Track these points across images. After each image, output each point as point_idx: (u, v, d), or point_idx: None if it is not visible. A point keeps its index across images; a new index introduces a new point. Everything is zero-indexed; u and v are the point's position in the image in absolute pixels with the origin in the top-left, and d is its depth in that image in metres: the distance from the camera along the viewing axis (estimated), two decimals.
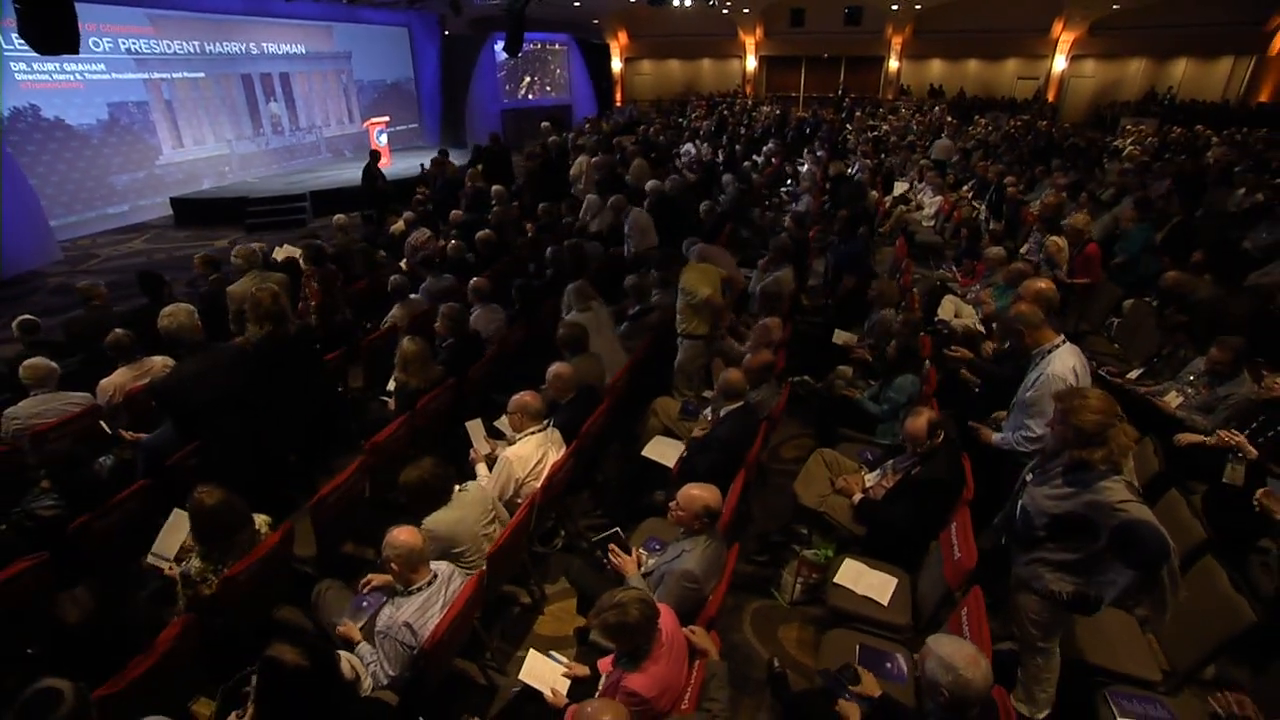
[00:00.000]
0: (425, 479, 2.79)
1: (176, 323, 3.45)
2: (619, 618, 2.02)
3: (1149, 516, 2.23)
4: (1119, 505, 2.23)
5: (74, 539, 2.99)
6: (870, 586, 2.99)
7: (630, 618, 2.03)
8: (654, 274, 5.44)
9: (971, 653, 1.87)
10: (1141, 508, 2.25)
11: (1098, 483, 2.31)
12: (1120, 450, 2.33)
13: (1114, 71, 20.98)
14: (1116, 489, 2.27)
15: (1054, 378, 3.03)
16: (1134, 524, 2.20)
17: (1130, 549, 2.23)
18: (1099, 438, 2.31)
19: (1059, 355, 3.12)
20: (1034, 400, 3.12)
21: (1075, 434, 2.34)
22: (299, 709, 1.95)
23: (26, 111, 10.16)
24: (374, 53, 16.69)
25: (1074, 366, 3.08)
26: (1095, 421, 2.31)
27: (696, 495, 2.63)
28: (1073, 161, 11.47)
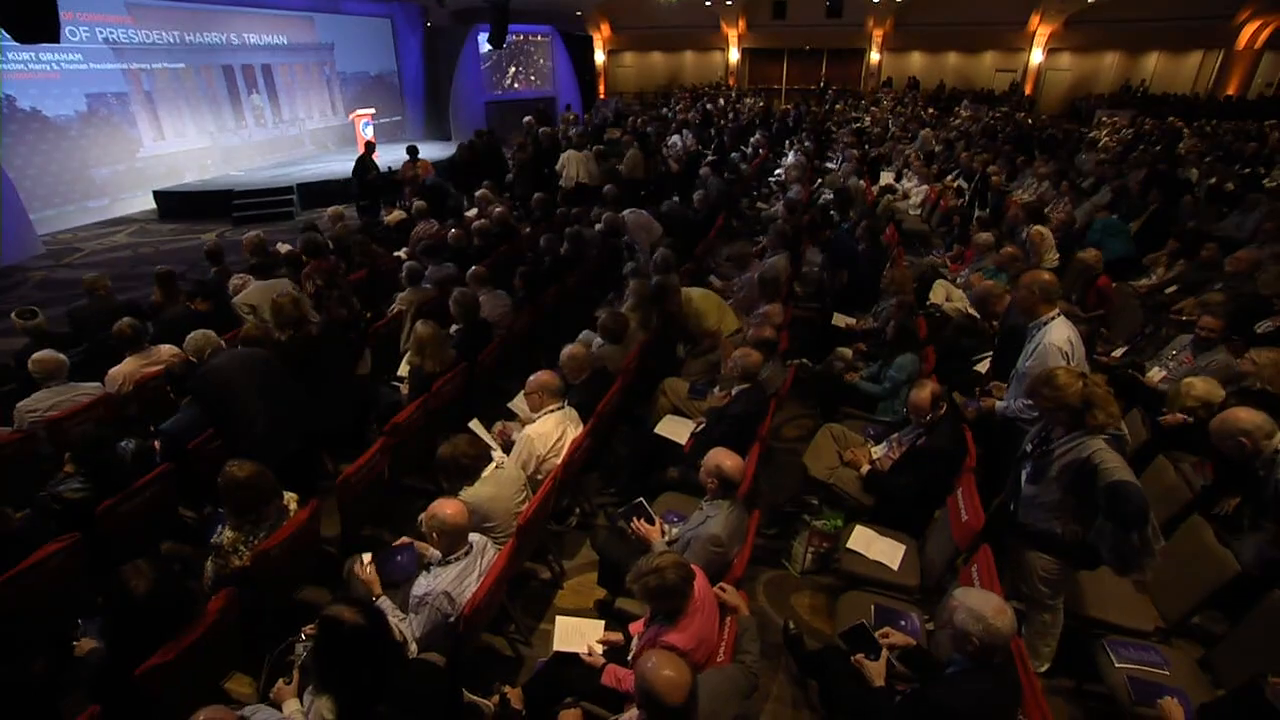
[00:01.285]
0: (457, 455, 2.88)
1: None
2: (659, 580, 2.13)
3: (1131, 477, 2.42)
4: (1096, 461, 2.45)
5: (101, 521, 3.03)
6: (880, 552, 3.13)
7: (669, 580, 2.14)
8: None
9: (998, 603, 2.00)
10: (1125, 469, 2.43)
11: (1087, 439, 2.52)
12: (1109, 405, 2.52)
13: (1089, 65, 21.42)
14: (1107, 454, 2.46)
15: (1051, 347, 3.20)
16: (1120, 484, 2.38)
17: (1116, 505, 2.40)
18: (1087, 405, 2.51)
19: (1055, 326, 3.28)
20: (1031, 369, 3.27)
21: (1068, 412, 2.55)
22: (356, 666, 2.04)
23: (1, 102, 9.94)
24: (356, 44, 16.53)
25: (1069, 337, 3.24)
26: (1077, 392, 2.53)
27: (716, 460, 2.77)
28: (1052, 152, 11.75)
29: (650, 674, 1.76)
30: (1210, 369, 3.92)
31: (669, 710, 1.74)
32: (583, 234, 6.25)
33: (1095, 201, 8.51)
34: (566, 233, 6.11)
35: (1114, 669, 2.59)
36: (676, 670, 1.77)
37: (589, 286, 6.06)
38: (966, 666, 2.05)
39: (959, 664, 2.08)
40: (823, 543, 3.48)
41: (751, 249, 6.29)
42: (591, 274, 6.18)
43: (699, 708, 1.84)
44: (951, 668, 2.11)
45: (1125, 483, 2.37)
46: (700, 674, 1.96)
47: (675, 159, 11.05)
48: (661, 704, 1.74)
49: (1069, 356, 3.17)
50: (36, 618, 2.74)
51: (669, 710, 1.74)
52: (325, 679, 2.08)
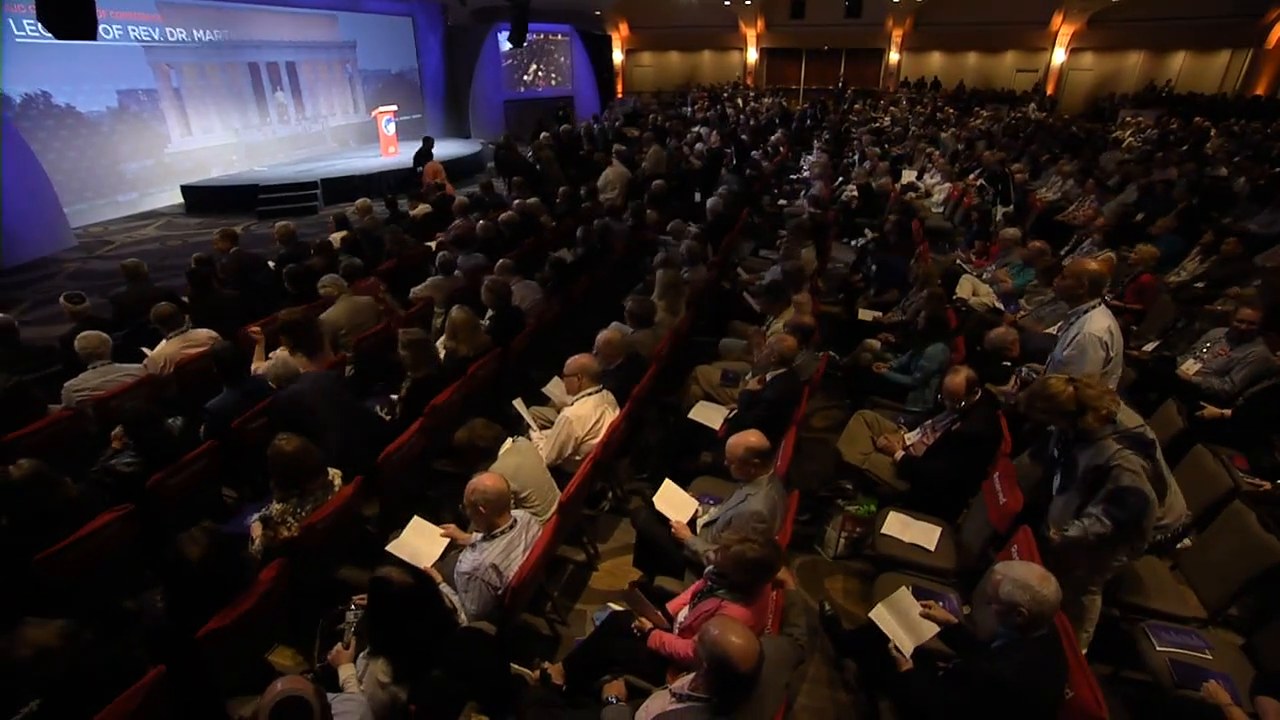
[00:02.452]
0: (473, 438, 2.94)
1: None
2: (759, 554, 2.15)
3: (1133, 481, 2.49)
4: (1114, 463, 2.51)
5: (151, 494, 3.11)
6: (916, 535, 3.15)
7: (768, 557, 2.18)
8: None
9: (1041, 572, 2.02)
10: (1131, 469, 2.49)
11: (1099, 442, 2.57)
12: (1100, 404, 2.55)
13: (1112, 64, 21.18)
14: (1127, 459, 2.51)
15: (1090, 337, 3.20)
16: (1125, 490, 2.48)
17: (1118, 508, 2.50)
18: (1081, 408, 2.56)
19: (1095, 315, 3.28)
20: (1070, 358, 3.28)
21: (1066, 419, 2.61)
22: (407, 626, 2.08)
23: (38, 98, 10.16)
24: (378, 42, 16.69)
25: (1108, 326, 3.24)
26: (1070, 397, 2.58)
27: (738, 440, 2.80)
28: (1075, 151, 11.68)
29: (722, 640, 1.78)
30: (1248, 360, 3.90)
31: (740, 676, 1.77)
32: (610, 226, 6.29)
33: (1122, 200, 8.46)
34: (595, 225, 6.17)
35: (1155, 652, 2.59)
36: (747, 638, 1.79)
37: (617, 278, 6.11)
38: (1013, 639, 2.06)
39: (1005, 636, 2.09)
40: (856, 528, 3.50)
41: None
42: (620, 266, 6.23)
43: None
44: (997, 641, 2.13)
45: (1130, 489, 2.47)
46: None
47: (697, 156, 11.09)
48: (735, 670, 1.76)
49: (1108, 346, 3.18)
50: (94, 584, 2.81)
51: (740, 676, 1.77)
52: (378, 640, 2.14)
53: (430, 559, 2.83)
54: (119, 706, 2.02)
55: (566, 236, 6.70)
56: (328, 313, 4.75)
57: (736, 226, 7.74)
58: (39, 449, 3.49)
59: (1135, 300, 5.45)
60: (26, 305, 7.33)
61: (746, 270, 6.45)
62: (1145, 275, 5.50)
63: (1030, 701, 1.98)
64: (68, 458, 3.57)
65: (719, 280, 6.27)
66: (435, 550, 2.86)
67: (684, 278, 5.14)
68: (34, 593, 2.62)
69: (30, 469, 2.69)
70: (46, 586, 2.64)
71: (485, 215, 7.05)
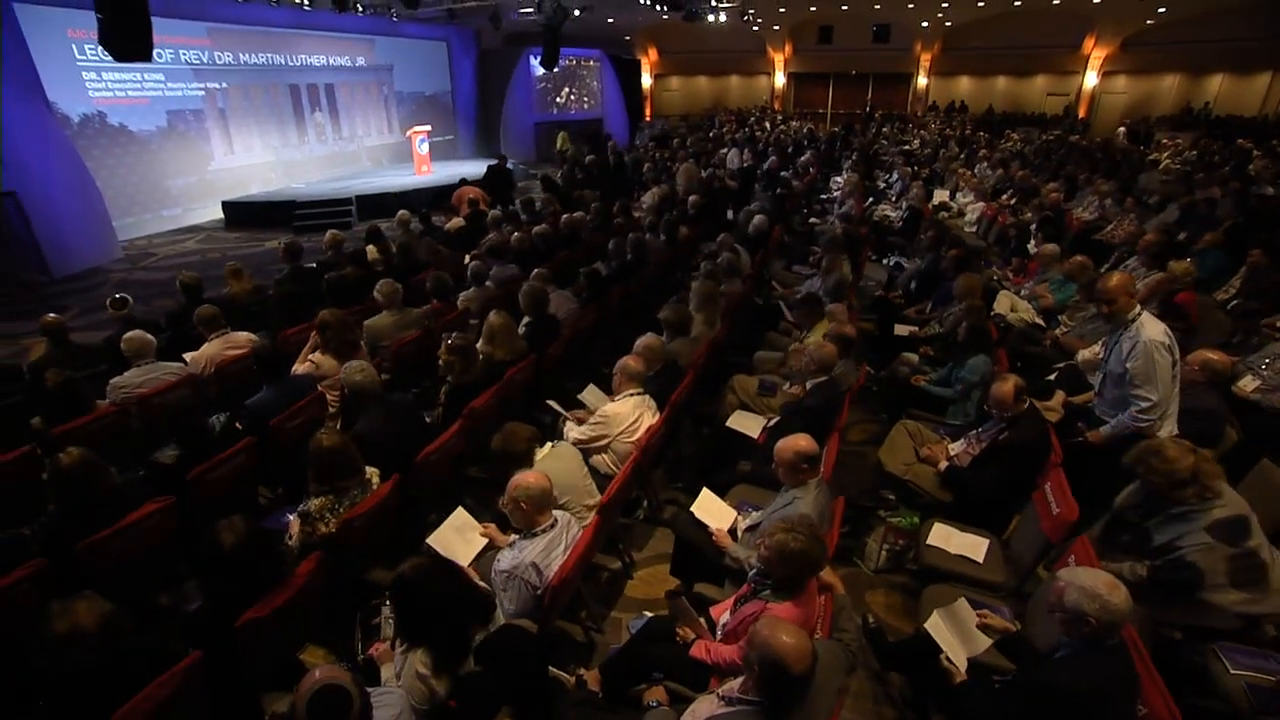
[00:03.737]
0: (506, 443, 2.94)
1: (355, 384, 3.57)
2: (802, 546, 2.09)
3: (1199, 559, 2.38)
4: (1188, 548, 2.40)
5: (191, 486, 3.13)
6: (962, 546, 3.04)
7: (813, 553, 2.12)
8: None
9: (1110, 579, 1.92)
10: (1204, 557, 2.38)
11: (1190, 519, 2.46)
12: (1211, 478, 2.44)
13: (1147, 87, 20.92)
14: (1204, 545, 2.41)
15: (1151, 343, 3.11)
16: (1185, 564, 2.40)
17: (1167, 570, 2.43)
18: (1194, 479, 2.44)
19: (1147, 322, 3.19)
20: (1137, 370, 3.16)
21: (1172, 486, 2.47)
22: (436, 613, 2.05)
23: (94, 118, 10.59)
24: (413, 65, 17.16)
25: (1164, 329, 3.17)
26: (1189, 466, 2.44)
27: (787, 444, 2.74)
28: (1112, 171, 11.51)
29: (774, 641, 1.71)
30: None
31: (793, 678, 1.69)
32: (644, 241, 6.32)
33: (1163, 219, 8.28)
34: (630, 238, 6.20)
35: (1229, 676, 2.43)
36: (799, 637, 1.72)
37: (651, 291, 6.12)
38: (1079, 649, 1.96)
39: (1070, 647, 1.99)
40: (898, 540, 3.39)
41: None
42: (653, 279, 6.23)
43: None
44: (1061, 651, 2.02)
45: (1189, 564, 2.38)
46: None
47: (730, 175, 11.17)
48: (788, 672, 1.69)
49: (1171, 350, 3.09)
50: (133, 575, 2.82)
51: (793, 678, 1.69)
52: (412, 631, 2.10)
53: (467, 558, 2.80)
54: (154, 692, 2.00)
55: (600, 250, 6.73)
56: (373, 319, 4.80)
57: (770, 243, 7.74)
58: (85, 443, 3.52)
59: (1176, 318, 5.29)
60: (75, 312, 7.55)
61: (780, 285, 6.41)
62: (1184, 293, 5.34)
63: (1100, 717, 1.87)
64: (111, 452, 3.62)
65: (754, 295, 6.24)
66: (472, 549, 2.83)
67: (721, 290, 5.11)
68: (78, 581, 2.63)
69: (79, 456, 2.73)
70: (88, 575, 2.66)
71: (519, 228, 7.13)
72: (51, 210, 8.91)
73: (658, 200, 8.97)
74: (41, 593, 2.62)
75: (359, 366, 3.54)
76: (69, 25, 9.76)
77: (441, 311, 5.13)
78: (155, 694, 2.01)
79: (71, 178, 9.29)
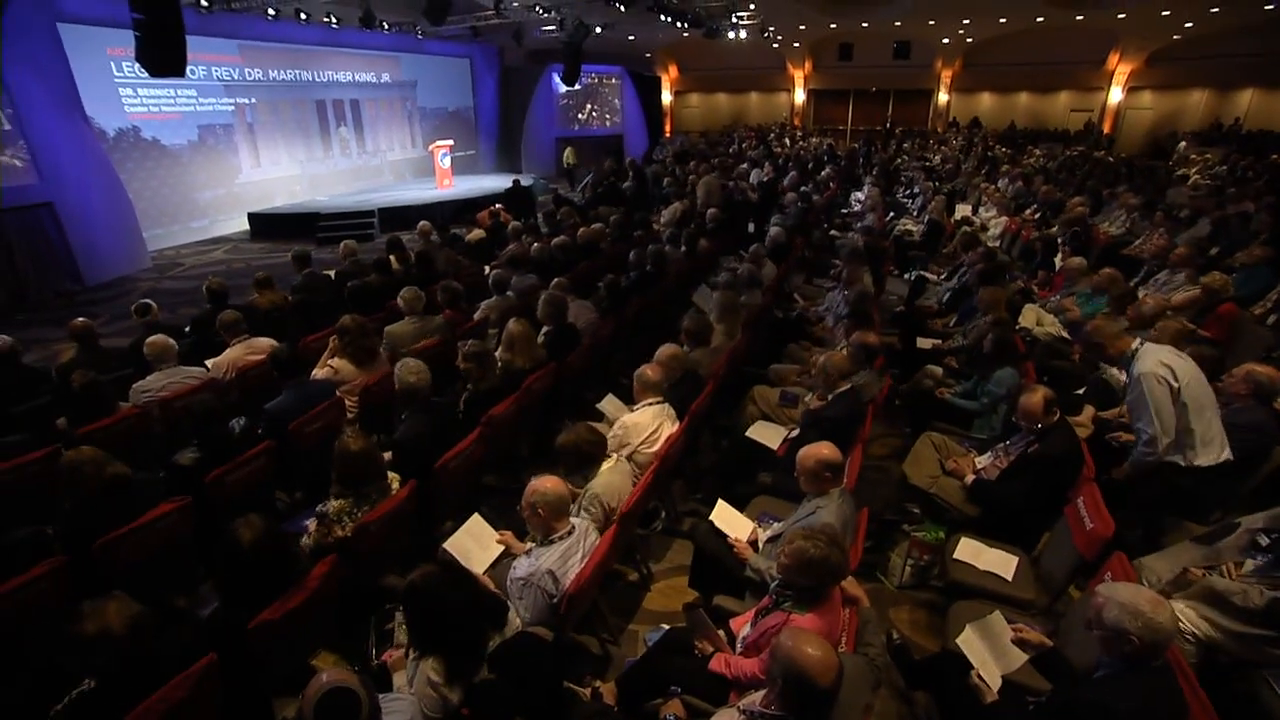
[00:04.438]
0: (579, 442, 2.91)
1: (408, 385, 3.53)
2: (822, 554, 2.04)
3: None
4: None
5: (210, 489, 3.13)
6: (991, 562, 2.94)
7: (832, 560, 2.06)
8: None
9: (1152, 595, 1.83)
10: None
11: None
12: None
13: (1173, 102, 20.61)
14: None
15: (1146, 375, 3.06)
16: None
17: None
18: None
19: (1145, 353, 3.16)
20: (1132, 403, 3.16)
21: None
22: (448, 620, 2.01)
23: (129, 132, 10.88)
24: (437, 81, 17.44)
25: (1161, 360, 3.10)
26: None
27: (809, 452, 2.69)
28: (1140, 185, 11.35)
29: (798, 653, 1.65)
30: None
31: (818, 692, 1.63)
32: (664, 253, 6.31)
33: (1193, 233, 8.12)
34: (650, 250, 6.19)
35: None
36: (824, 649, 1.66)
37: (670, 303, 6.10)
38: (1120, 669, 1.86)
39: (1110, 667, 1.90)
40: (923, 554, 3.30)
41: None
42: (672, 291, 6.21)
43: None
44: (1101, 671, 1.93)
45: None
46: None
47: (751, 189, 11.18)
48: (813, 686, 1.63)
49: (1171, 378, 3.05)
50: (149, 575, 2.82)
51: (818, 692, 1.63)
52: (424, 640, 2.07)
53: (482, 565, 2.76)
54: (169, 693, 1.98)
55: (619, 262, 6.73)
56: (393, 326, 4.82)
57: (791, 256, 7.70)
58: (107, 443, 3.57)
59: (1215, 330, 5.15)
60: (104, 318, 7.70)
61: (801, 297, 6.35)
62: (1226, 304, 5.21)
63: None
64: (133, 454, 3.66)
65: (774, 307, 6.19)
66: (488, 555, 2.79)
67: (741, 301, 5.07)
68: (96, 579, 2.64)
69: (88, 454, 2.75)
70: (105, 574, 2.66)
71: (539, 239, 7.15)
72: (86, 221, 9.14)
73: (679, 214, 8.98)
74: (61, 590, 2.63)
75: (414, 367, 3.48)
76: (109, 43, 10.07)
77: (458, 321, 5.13)
78: (170, 696, 1.99)
79: (106, 190, 9.53)
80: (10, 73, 8.33)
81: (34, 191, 8.69)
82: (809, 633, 1.76)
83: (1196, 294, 5.48)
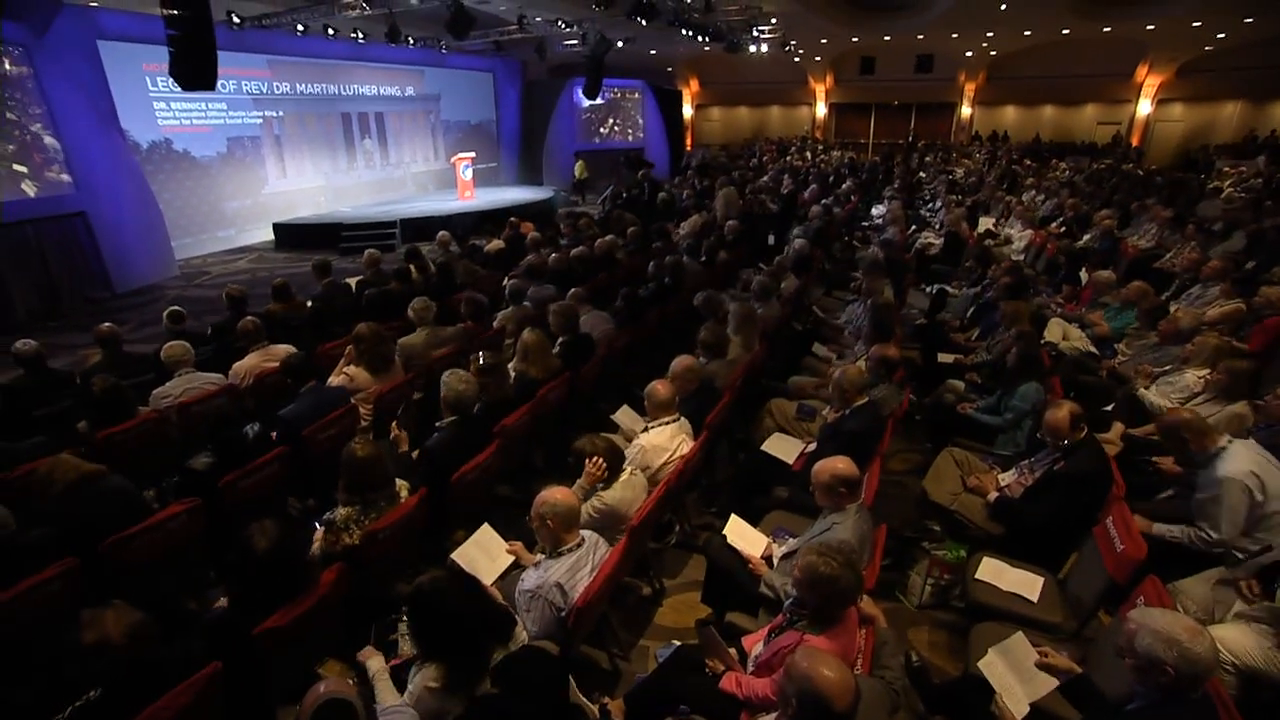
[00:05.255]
0: (597, 454, 2.88)
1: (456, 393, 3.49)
2: (832, 572, 1.97)
3: None
4: None
5: (222, 493, 3.14)
6: (1015, 583, 2.83)
7: (843, 580, 1.98)
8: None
9: (1189, 623, 1.74)
10: None
11: None
12: None
13: (1205, 114, 20.22)
14: None
15: (1229, 480, 2.75)
16: None
17: None
18: None
19: (1232, 454, 2.83)
20: (1203, 502, 2.84)
21: None
22: (451, 626, 1.98)
23: (162, 144, 11.17)
24: (460, 95, 17.67)
25: (1251, 469, 2.76)
26: None
27: (825, 466, 2.62)
28: (1171, 198, 11.11)
29: (814, 674, 1.59)
30: None
31: (834, 715, 1.56)
32: (683, 264, 6.28)
33: (1227, 247, 7.90)
34: (668, 261, 6.17)
35: None
36: (841, 671, 1.59)
37: (688, 314, 6.05)
38: (1156, 701, 1.77)
39: (1145, 698, 1.80)
40: (944, 574, 3.19)
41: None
42: (690, 302, 6.16)
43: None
44: (1135, 703, 1.83)
45: None
46: None
47: (771, 199, 11.15)
48: (829, 708, 1.56)
49: (1259, 488, 2.73)
50: (159, 577, 2.83)
51: (834, 715, 1.56)
52: (425, 644, 2.04)
53: (491, 575, 2.72)
54: (172, 701, 1.96)
55: (638, 274, 6.71)
56: (406, 338, 4.83)
57: (812, 269, 7.63)
58: (127, 446, 3.64)
59: (1258, 341, 4.98)
60: (132, 325, 7.84)
61: (821, 311, 6.28)
62: (1274, 319, 5.03)
63: None
64: (151, 458, 3.71)
65: (792, 320, 6.12)
66: (497, 566, 2.75)
67: (757, 312, 5.01)
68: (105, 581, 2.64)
69: None
70: (115, 575, 2.67)
71: (557, 250, 7.16)
72: (118, 230, 9.37)
73: (698, 226, 8.96)
74: (74, 592, 2.64)
75: (463, 376, 3.44)
76: (145, 60, 10.36)
77: (476, 332, 5.14)
78: (173, 703, 1.97)
79: (137, 200, 9.76)
80: (53, 89, 8.63)
81: (70, 201, 8.94)
82: (825, 653, 1.70)
83: (1233, 308, 5.31)
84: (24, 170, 8.60)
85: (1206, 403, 3.88)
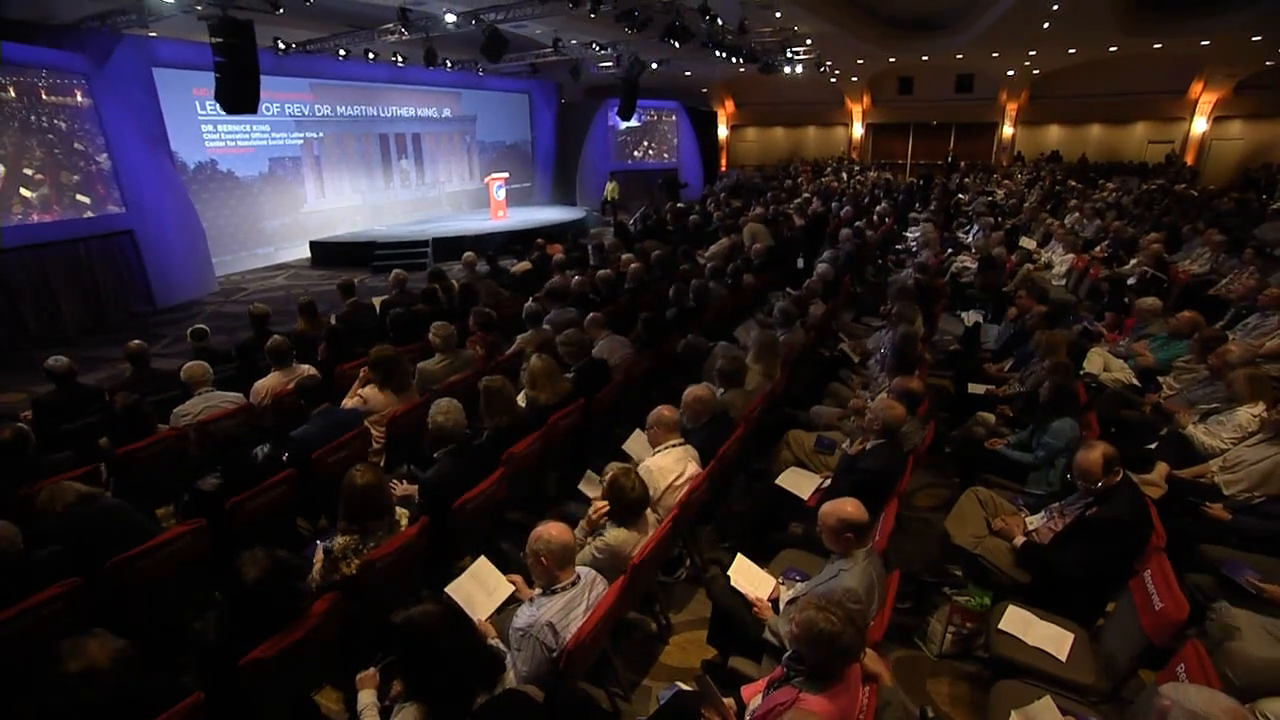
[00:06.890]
0: (623, 489, 2.81)
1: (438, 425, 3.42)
2: (832, 628, 1.85)
3: None
4: None
5: (229, 514, 3.14)
6: (1041, 638, 2.64)
7: (844, 637, 1.86)
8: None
9: (1228, 703, 1.57)
10: None
11: None
12: None
13: (1267, 132, 19.24)
14: None
15: None
16: None
17: None
18: None
19: None
20: None
21: None
22: (435, 666, 1.92)
23: (207, 165, 11.60)
24: (496, 116, 17.99)
25: None
26: None
27: (831, 509, 2.50)
28: (1224, 223, 10.62)
29: None
30: None
31: None
32: (708, 287, 6.20)
33: None
34: (693, 284, 6.10)
35: None
36: None
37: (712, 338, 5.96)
38: None
39: None
40: (966, 622, 3.01)
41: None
42: (714, 327, 6.07)
43: None
44: None
45: None
46: None
47: (799, 214, 11.04)
48: None
49: None
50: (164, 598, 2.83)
51: None
52: (407, 681, 1.98)
53: (486, 610, 2.65)
54: None
55: (662, 298, 6.65)
56: (425, 363, 4.82)
57: (839, 293, 7.47)
58: (144, 463, 3.69)
59: None
60: (169, 340, 8.08)
61: (848, 337, 6.12)
62: None
63: None
64: (167, 475, 3.75)
65: (817, 346, 5.97)
66: (493, 600, 2.68)
67: (780, 339, 4.89)
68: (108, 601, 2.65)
69: None
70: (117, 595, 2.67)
71: (583, 272, 7.15)
72: (162, 248, 9.72)
73: (725, 249, 8.87)
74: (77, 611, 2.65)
75: (445, 407, 3.33)
76: (195, 85, 10.82)
77: (491, 349, 5.12)
78: None
79: (181, 219, 10.13)
80: (110, 116, 9.06)
81: (119, 220, 9.33)
82: (815, 716, 1.57)
83: None
84: (87, 201, 9.03)
85: (1261, 443, 3.64)
